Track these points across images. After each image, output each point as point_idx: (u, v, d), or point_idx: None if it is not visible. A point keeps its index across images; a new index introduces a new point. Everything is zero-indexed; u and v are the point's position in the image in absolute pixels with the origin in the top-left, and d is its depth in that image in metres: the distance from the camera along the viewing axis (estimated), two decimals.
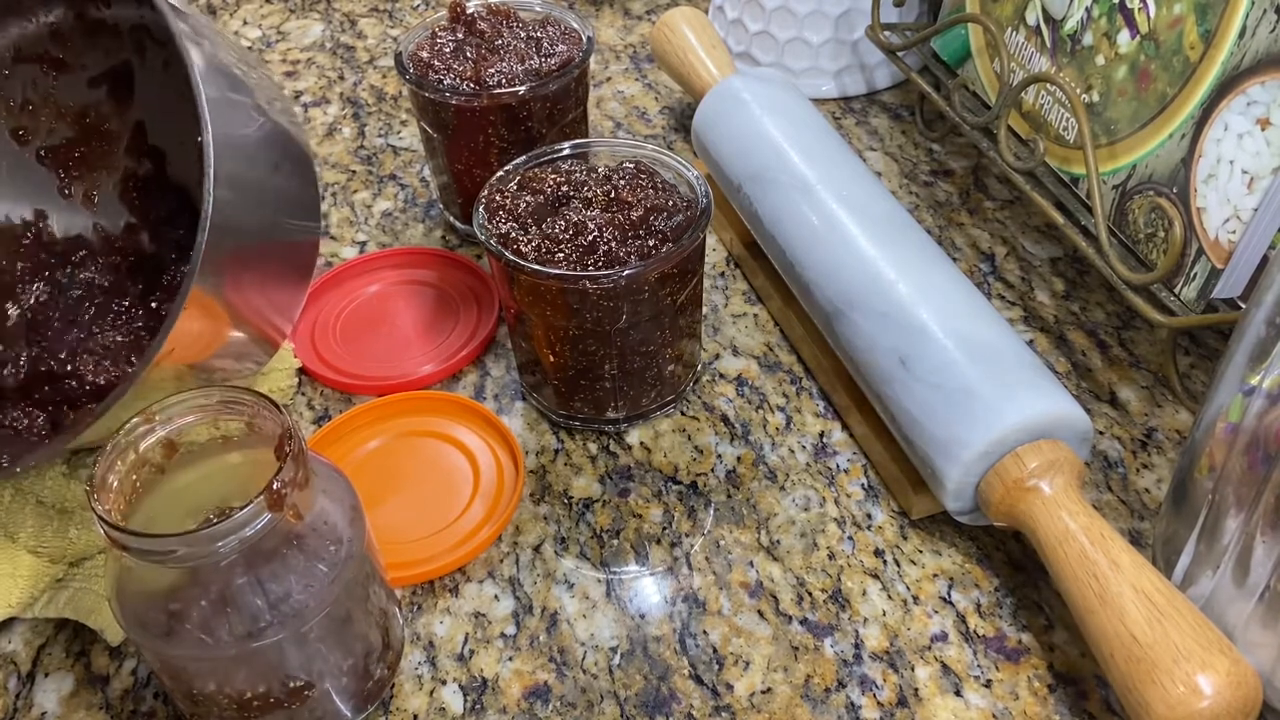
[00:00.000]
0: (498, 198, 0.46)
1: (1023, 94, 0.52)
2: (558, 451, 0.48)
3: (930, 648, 0.40)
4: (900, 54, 0.62)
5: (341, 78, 0.75)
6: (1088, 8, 0.48)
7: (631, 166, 0.47)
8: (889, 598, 0.42)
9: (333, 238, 0.61)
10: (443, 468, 0.47)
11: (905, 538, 0.44)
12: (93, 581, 0.42)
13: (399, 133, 0.69)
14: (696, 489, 0.47)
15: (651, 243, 0.44)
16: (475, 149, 0.54)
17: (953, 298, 0.44)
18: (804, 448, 0.48)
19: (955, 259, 0.57)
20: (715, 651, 0.41)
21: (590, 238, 0.44)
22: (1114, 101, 0.48)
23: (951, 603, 0.42)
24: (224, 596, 0.33)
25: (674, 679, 0.40)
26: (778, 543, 0.44)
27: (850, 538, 0.44)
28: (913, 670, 0.40)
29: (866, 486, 0.46)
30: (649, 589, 0.43)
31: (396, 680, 0.40)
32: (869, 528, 0.45)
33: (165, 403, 0.35)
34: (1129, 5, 0.46)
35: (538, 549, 0.44)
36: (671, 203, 0.46)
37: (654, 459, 0.48)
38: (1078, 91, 0.49)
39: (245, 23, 0.82)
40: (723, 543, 0.44)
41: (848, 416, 0.49)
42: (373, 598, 0.37)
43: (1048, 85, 0.51)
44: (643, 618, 0.42)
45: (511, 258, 0.43)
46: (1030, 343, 0.52)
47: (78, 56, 0.47)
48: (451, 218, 0.60)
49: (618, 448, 0.48)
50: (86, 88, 0.48)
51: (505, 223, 0.45)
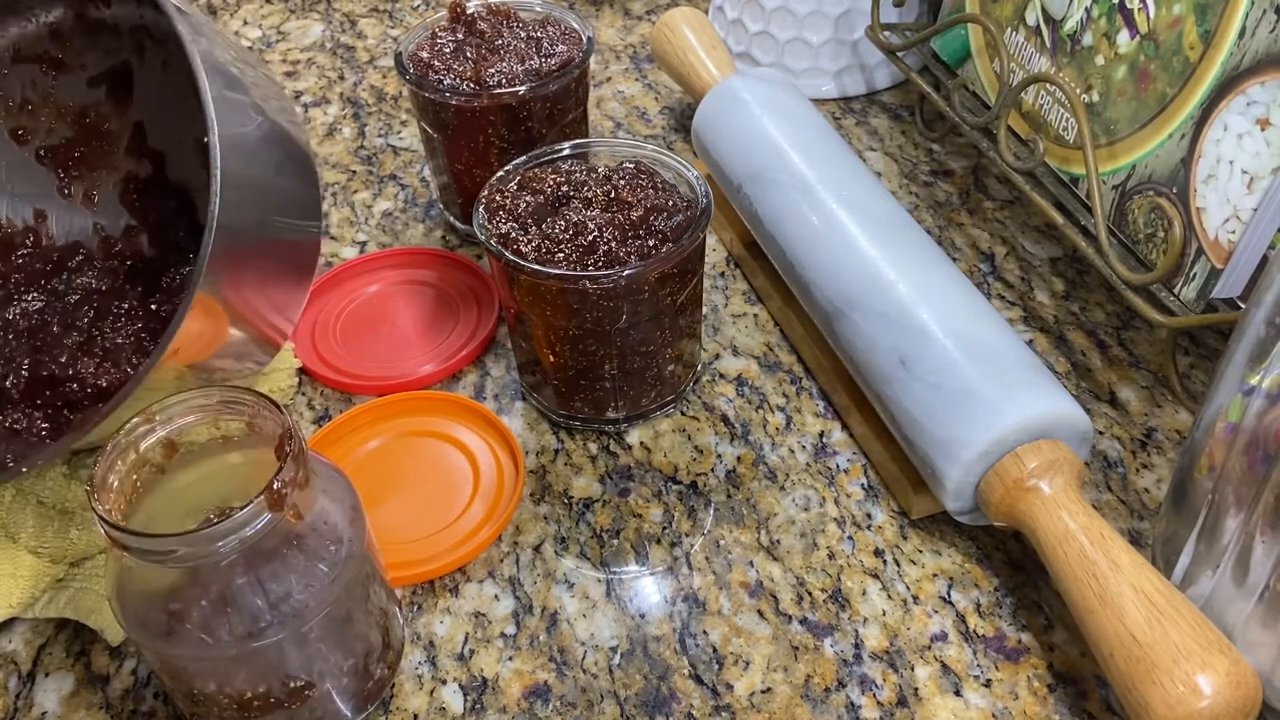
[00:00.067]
0: (498, 198, 0.46)
1: (1022, 94, 0.52)
2: (558, 451, 0.48)
3: (930, 647, 0.41)
4: (900, 54, 0.62)
5: (342, 78, 0.75)
6: (1087, 8, 0.48)
7: (631, 166, 0.47)
8: (889, 597, 0.42)
9: (333, 238, 0.61)
10: (443, 468, 0.47)
11: (905, 538, 0.44)
12: (93, 581, 0.42)
13: (399, 133, 0.69)
14: (696, 489, 0.47)
15: (651, 243, 0.44)
16: (475, 149, 0.54)
17: (953, 298, 0.44)
18: (804, 448, 0.48)
19: (955, 259, 0.57)
20: (715, 651, 0.41)
21: (590, 238, 0.44)
22: (1114, 101, 0.48)
23: (951, 603, 0.42)
24: (224, 596, 0.33)
25: (674, 679, 0.40)
26: (778, 543, 0.44)
27: (850, 538, 0.44)
28: (912, 670, 0.40)
29: (866, 486, 0.46)
30: (649, 589, 0.43)
31: (397, 680, 0.40)
32: (869, 528, 0.45)
33: (165, 403, 0.35)
34: (1129, 5, 0.46)
35: (538, 549, 0.45)
36: (671, 203, 0.46)
37: (654, 459, 0.48)
38: (1077, 92, 0.49)
39: (245, 23, 0.82)
40: (723, 543, 0.44)
41: (848, 416, 0.49)
42: (373, 598, 0.37)
43: (1047, 85, 0.51)
44: (643, 617, 0.42)
45: (511, 258, 0.43)
46: (1030, 343, 0.52)
47: (77, 56, 0.47)
48: (451, 218, 0.60)
49: (618, 448, 0.48)
50: (86, 88, 0.48)
51: (505, 223, 0.45)
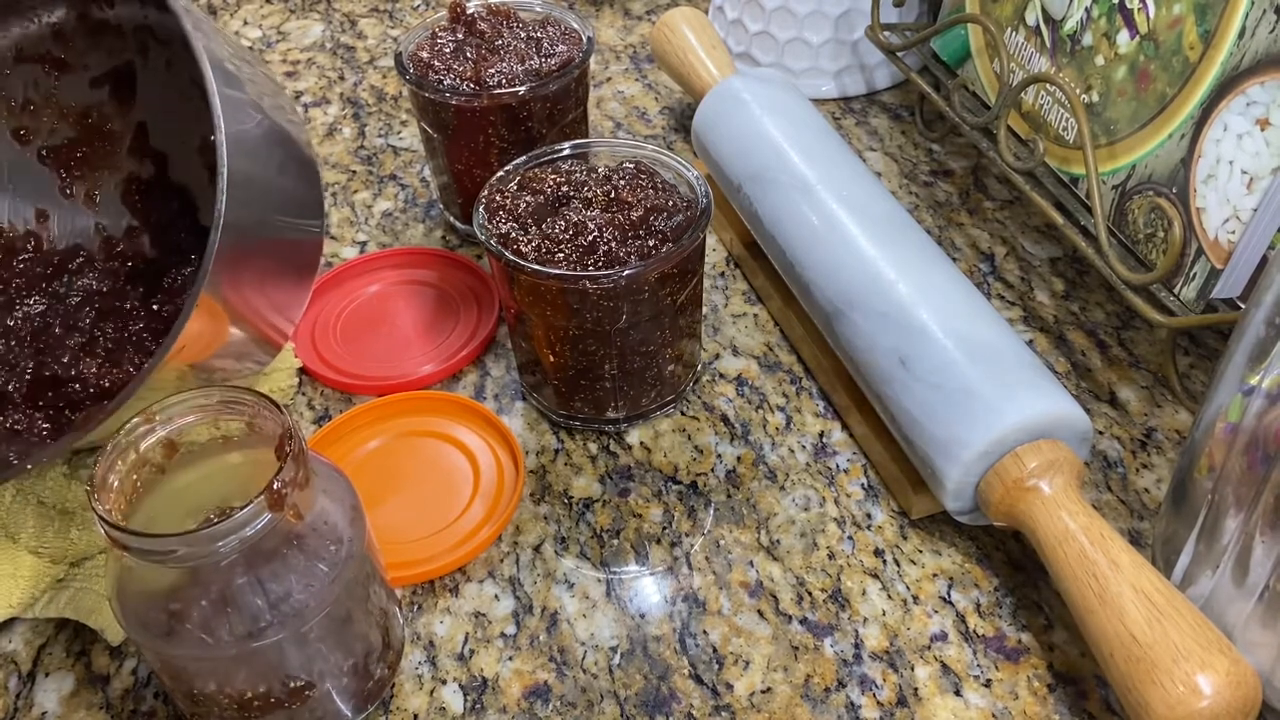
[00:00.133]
0: (498, 198, 0.46)
1: (1022, 94, 0.52)
2: (558, 451, 0.48)
3: (930, 647, 0.41)
4: (900, 54, 0.62)
5: (342, 78, 0.75)
6: (1087, 8, 0.48)
7: (631, 166, 0.47)
8: (889, 597, 0.42)
9: (333, 238, 0.61)
10: (443, 468, 0.47)
11: (905, 537, 0.44)
12: (93, 581, 0.42)
13: (399, 133, 0.69)
14: (696, 489, 0.47)
15: (651, 243, 0.44)
16: (475, 149, 0.54)
17: (953, 298, 0.44)
18: (804, 448, 0.48)
19: (955, 259, 0.57)
20: (715, 651, 0.41)
21: (590, 238, 0.44)
22: (1113, 102, 0.48)
23: (951, 602, 0.42)
24: (224, 596, 0.33)
25: (674, 679, 0.40)
26: (778, 542, 0.44)
27: (850, 537, 0.44)
28: (912, 670, 0.40)
29: (866, 486, 0.46)
30: (649, 589, 0.43)
31: (397, 680, 0.40)
32: (869, 528, 0.45)
33: (165, 403, 0.35)
34: (1128, 5, 0.46)
35: (538, 549, 0.45)
36: (671, 203, 0.46)
37: (654, 459, 0.48)
38: (1077, 92, 0.49)
39: (245, 23, 0.82)
40: (723, 542, 0.44)
41: (848, 416, 0.49)
42: (373, 597, 0.37)
43: (1047, 85, 0.51)
44: (643, 617, 0.42)
45: (511, 258, 0.43)
46: (1030, 343, 0.52)
47: (80, 57, 0.47)
48: (451, 218, 0.60)
49: (618, 448, 0.48)
50: (89, 88, 0.48)
51: (505, 223, 0.45)
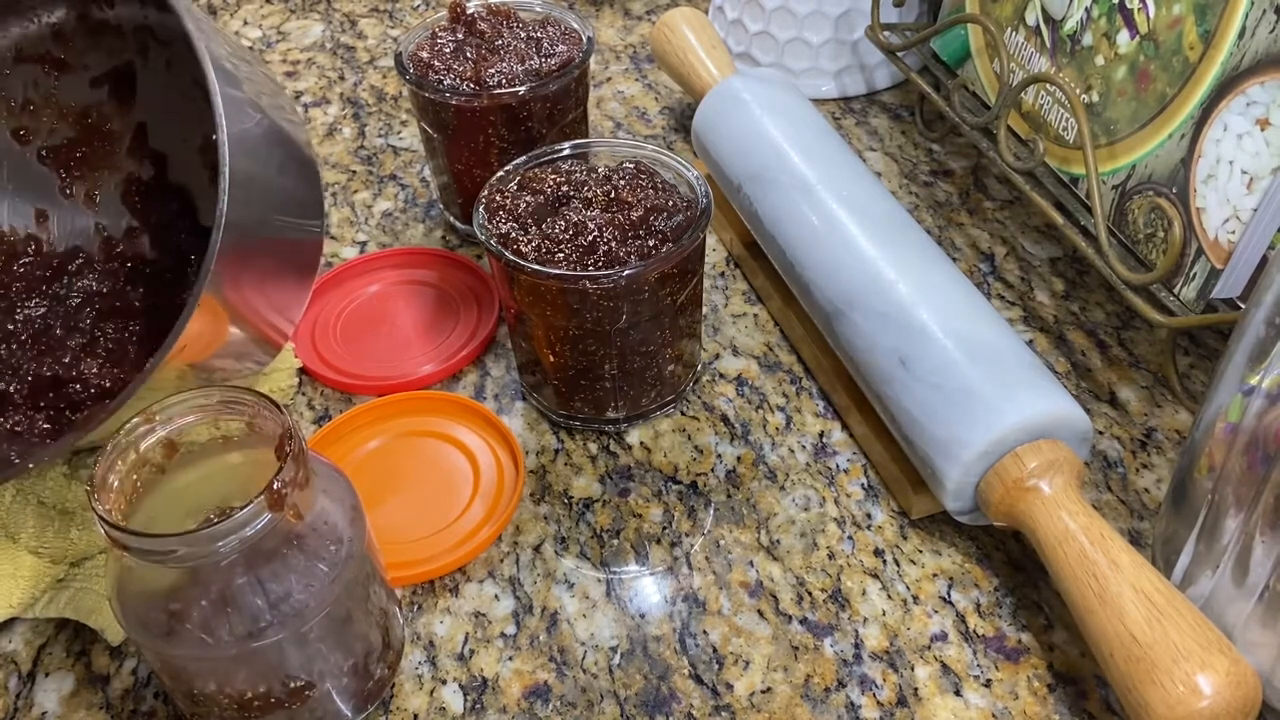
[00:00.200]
0: (498, 198, 0.46)
1: (1022, 94, 0.52)
2: (558, 451, 0.48)
3: (930, 647, 0.41)
4: (900, 54, 0.62)
5: (342, 78, 0.75)
6: (1087, 8, 0.48)
7: (631, 166, 0.47)
8: (889, 597, 0.42)
9: (333, 238, 0.61)
10: (443, 468, 0.47)
11: (905, 537, 0.44)
12: (93, 581, 0.42)
13: (399, 133, 0.69)
14: (696, 489, 0.47)
15: (651, 243, 0.44)
16: (475, 149, 0.54)
17: (953, 298, 0.44)
18: (804, 448, 0.48)
19: (955, 259, 0.57)
20: (715, 651, 0.41)
21: (590, 238, 0.44)
22: (1113, 102, 0.48)
23: (951, 602, 0.42)
24: (224, 596, 0.33)
25: (674, 679, 0.40)
26: (778, 542, 0.44)
27: (850, 537, 0.44)
28: (912, 670, 0.40)
29: (866, 486, 0.46)
30: (649, 589, 0.43)
31: (397, 680, 0.40)
32: (869, 528, 0.45)
33: (165, 403, 0.35)
34: (1128, 5, 0.46)
35: (538, 549, 0.45)
36: (671, 203, 0.46)
37: (654, 459, 0.48)
38: (1077, 92, 0.49)
39: (245, 23, 0.82)
40: (723, 542, 0.44)
41: (848, 416, 0.49)
42: (373, 597, 0.37)
43: (1047, 85, 0.51)
44: (643, 617, 0.42)
45: (511, 258, 0.43)
46: (1030, 343, 0.52)
47: (80, 57, 0.47)
48: (451, 218, 0.60)
49: (618, 448, 0.48)
50: (88, 88, 0.48)
51: (505, 223, 0.45)
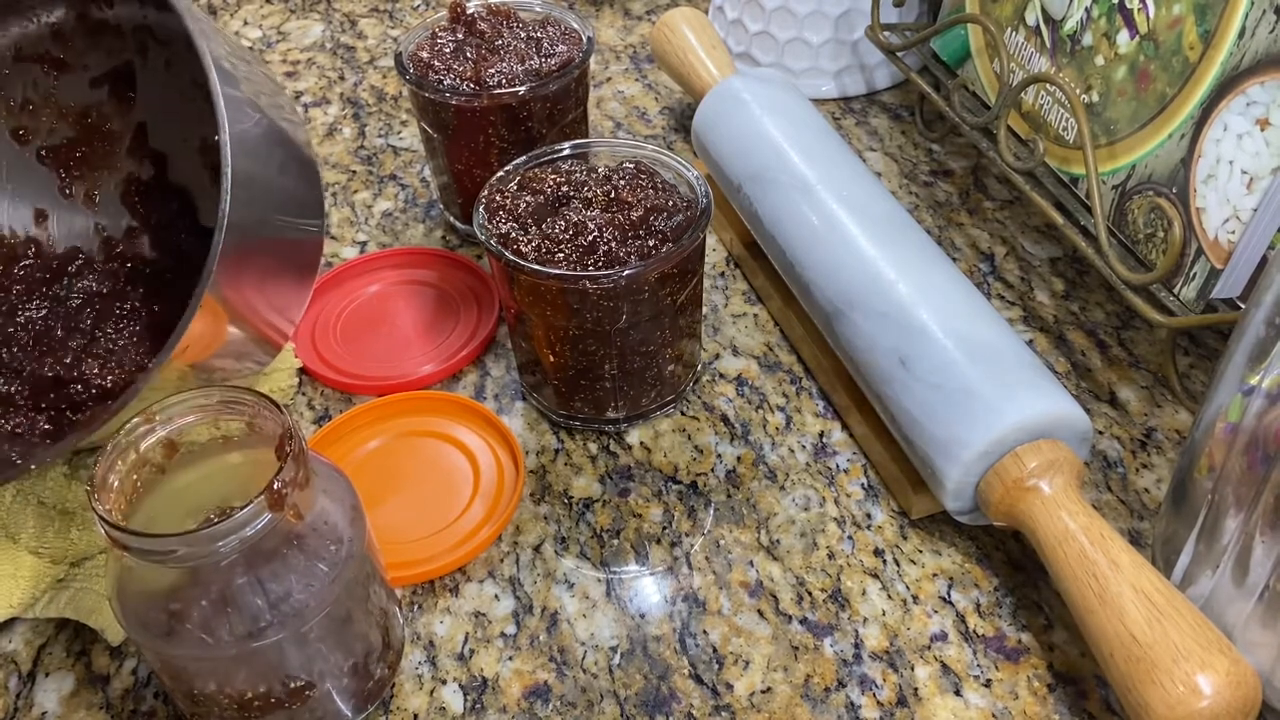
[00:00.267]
0: (498, 198, 0.46)
1: (1022, 94, 0.52)
2: (558, 451, 0.48)
3: (930, 647, 0.41)
4: (900, 54, 0.62)
5: (342, 78, 0.75)
6: (1087, 8, 0.48)
7: (631, 166, 0.47)
8: (889, 597, 0.42)
9: (333, 238, 0.61)
10: (443, 468, 0.47)
11: (905, 537, 0.44)
12: (93, 581, 0.42)
13: (399, 133, 0.69)
14: (696, 489, 0.47)
15: (651, 243, 0.44)
16: (475, 149, 0.54)
17: (953, 298, 0.44)
18: (804, 447, 0.48)
19: (955, 259, 0.57)
20: (715, 651, 0.41)
21: (590, 238, 0.44)
22: (1113, 102, 0.48)
23: (951, 602, 0.42)
24: (224, 596, 0.33)
25: (674, 679, 0.40)
26: (778, 542, 0.44)
27: (850, 537, 0.44)
28: (912, 670, 0.40)
29: (866, 486, 0.46)
30: (649, 589, 0.43)
31: (397, 680, 0.40)
32: (869, 527, 0.45)
33: (165, 403, 0.35)
34: (1128, 5, 0.46)
35: (538, 549, 0.45)
36: (671, 203, 0.46)
37: (654, 459, 0.48)
38: (1077, 92, 0.49)
39: (245, 23, 0.82)
40: (723, 542, 0.44)
41: (848, 416, 0.49)
42: (373, 597, 0.37)
43: (1047, 85, 0.51)
44: (643, 617, 0.42)
45: (511, 258, 0.43)
46: (1030, 343, 0.52)
47: (79, 57, 0.47)
48: (451, 218, 0.60)
49: (618, 448, 0.48)
50: (88, 88, 0.48)
51: (505, 223, 0.45)
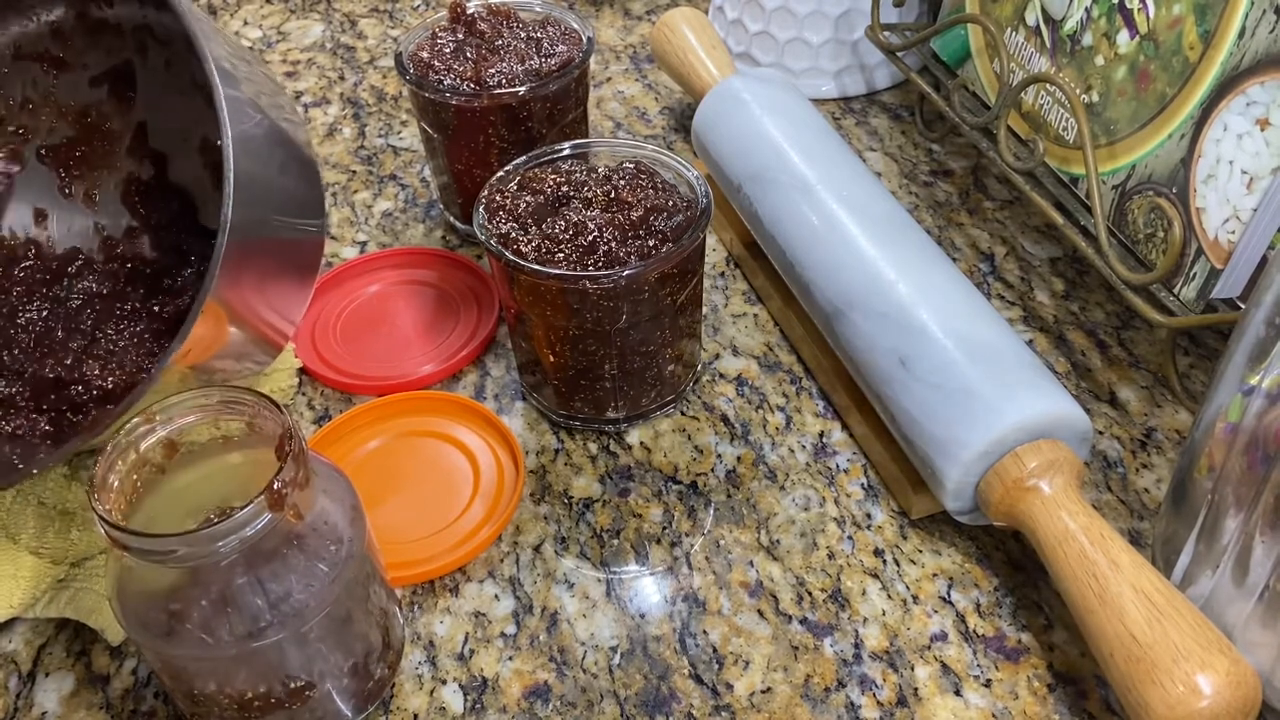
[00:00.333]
0: (498, 198, 0.46)
1: (1022, 94, 0.52)
2: (558, 451, 0.48)
3: (930, 647, 0.41)
4: (900, 54, 0.62)
5: (342, 78, 0.75)
6: (1087, 8, 0.48)
7: (631, 166, 0.47)
8: (889, 597, 0.42)
9: (333, 238, 0.61)
10: (443, 468, 0.47)
11: (905, 537, 0.44)
12: (93, 581, 0.42)
13: (399, 133, 0.69)
14: (696, 489, 0.47)
15: (651, 243, 0.44)
16: (475, 149, 0.54)
17: (953, 298, 0.44)
18: (804, 448, 0.48)
19: (955, 259, 0.57)
20: (715, 651, 0.41)
21: (590, 238, 0.44)
22: (1113, 102, 0.48)
23: (951, 602, 0.42)
24: (224, 596, 0.33)
25: (674, 678, 0.40)
26: (778, 542, 0.44)
27: (850, 537, 0.44)
28: (912, 670, 0.40)
29: (866, 486, 0.46)
30: (649, 589, 0.43)
31: (397, 680, 0.40)
32: (869, 527, 0.45)
33: (165, 403, 0.35)
34: (1128, 5, 0.46)
35: (538, 549, 0.45)
36: (671, 203, 0.46)
37: (654, 459, 0.48)
38: (1077, 92, 0.49)
39: (245, 23, 0.82)
40: (723, 542, 0.44)
41: (848, 416, 0.49)
42: (373, 597, 0.37)
43: (1047, 85, 0.51)
44: (643, 617, 0.42)
45: (511, 258, 0.43)
46: (1030, 343, 0.52)
47: (79, 56, 0.47)
48: (451, 218, 0.60)
49: (618, 448, 0.48)
50: (88, 87, 0.48)
51: (505, 223, 0.45)
